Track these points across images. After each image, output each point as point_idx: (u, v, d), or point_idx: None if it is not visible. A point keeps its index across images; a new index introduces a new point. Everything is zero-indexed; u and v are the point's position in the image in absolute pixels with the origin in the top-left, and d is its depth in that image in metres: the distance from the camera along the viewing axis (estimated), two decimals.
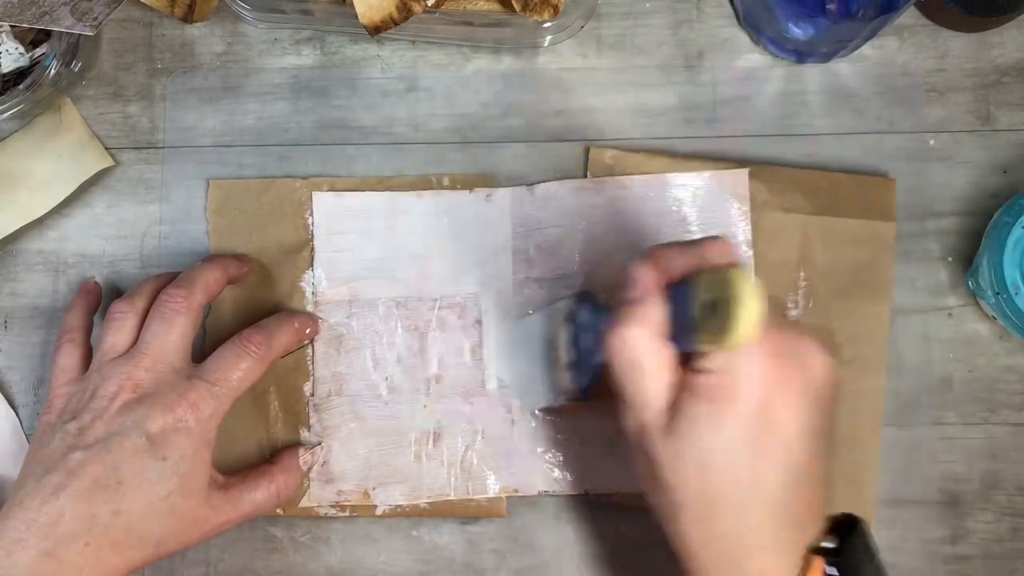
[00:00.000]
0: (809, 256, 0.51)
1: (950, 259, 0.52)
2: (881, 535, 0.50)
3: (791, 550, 0.36)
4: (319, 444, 0.50)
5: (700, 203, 0.52)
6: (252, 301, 0.52)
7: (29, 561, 0.40)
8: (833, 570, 0.36)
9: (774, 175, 0.52)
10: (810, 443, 0.36)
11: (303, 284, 0.52)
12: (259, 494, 0.47)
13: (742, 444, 0.36)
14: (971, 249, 0.52)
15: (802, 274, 0.51)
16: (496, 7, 0.50)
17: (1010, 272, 0.47)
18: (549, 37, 0.52)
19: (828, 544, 0.38)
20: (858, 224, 0.51)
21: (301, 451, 0.50)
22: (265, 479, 0.47)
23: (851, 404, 0.50)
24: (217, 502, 0.45)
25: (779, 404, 0.36)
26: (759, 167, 0.52)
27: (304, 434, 0.51)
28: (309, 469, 0.50)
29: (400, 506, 0.50)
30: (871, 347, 0.51)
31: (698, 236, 0.47)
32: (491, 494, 0.50)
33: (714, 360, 0.35)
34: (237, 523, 0.46)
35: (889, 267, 0.51)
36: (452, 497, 0.50)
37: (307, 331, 0.50)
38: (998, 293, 0.47)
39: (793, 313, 0.51)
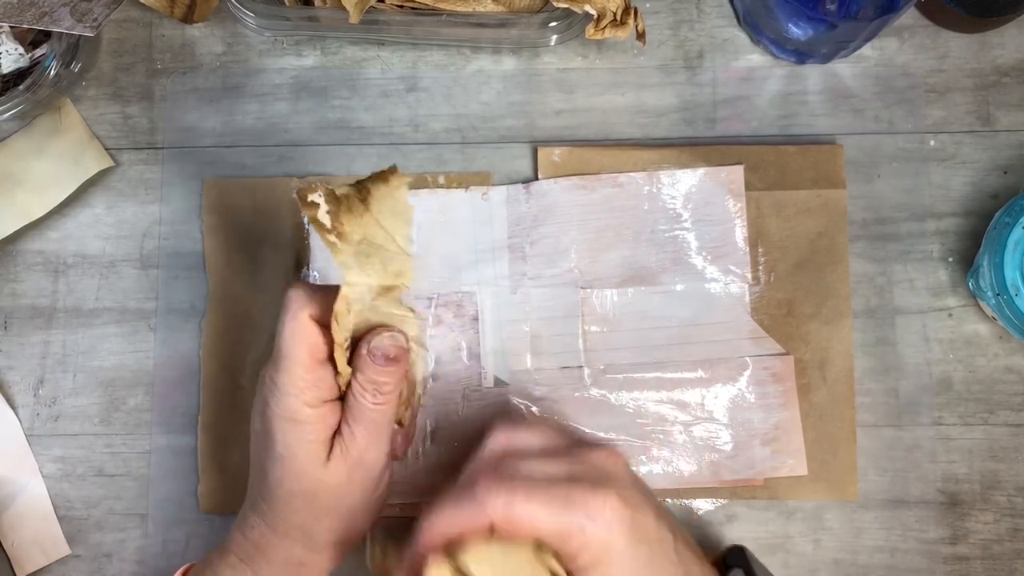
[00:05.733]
0: (764, 231, 0.52)
1: (950, 259, 0.52)
2: (880, 535, 0.50)
3: None
4: (389, 332, 0.40)
5: (695, 199, 0.52)
6: (247, 301, 0.52)
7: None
8: None
9: (722, 154, 0.52)
10: (665, 526, 0.38)
11: None
12: (351, 407, 0.40)
13: (642, 566, 0.36)
14: (971, 249, 0.52)
15: (760, 250, 0.52)
16: (501, 8, 0.50)
17: (1010, 273, 0.47)
18: (555, 37, 0.52)
19: None
20: (809, 194, 0.52)
21: (362, 343, 0.40)
22: (349, 392, 0.40)
23: (821, 356, 0.51)
24: (337, 452, 0.40)
25: (638, 519, 0.37)
26: (708, 148, 0.52)
27: None
28: (394, 364, 0.40)
29: (396, 505, 0.50)
30: (835, 302, 0.51)
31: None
32: None
33: (574, 541, 0.36)
34: (367, 450, 0.40)
35: (843, 233, 0.52)
36: None
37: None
38: (998, 294, 0.47)
39: (755, 289, 0.51)
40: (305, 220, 0.52)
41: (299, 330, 0.39)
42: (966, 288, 0.51)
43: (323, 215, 0.38)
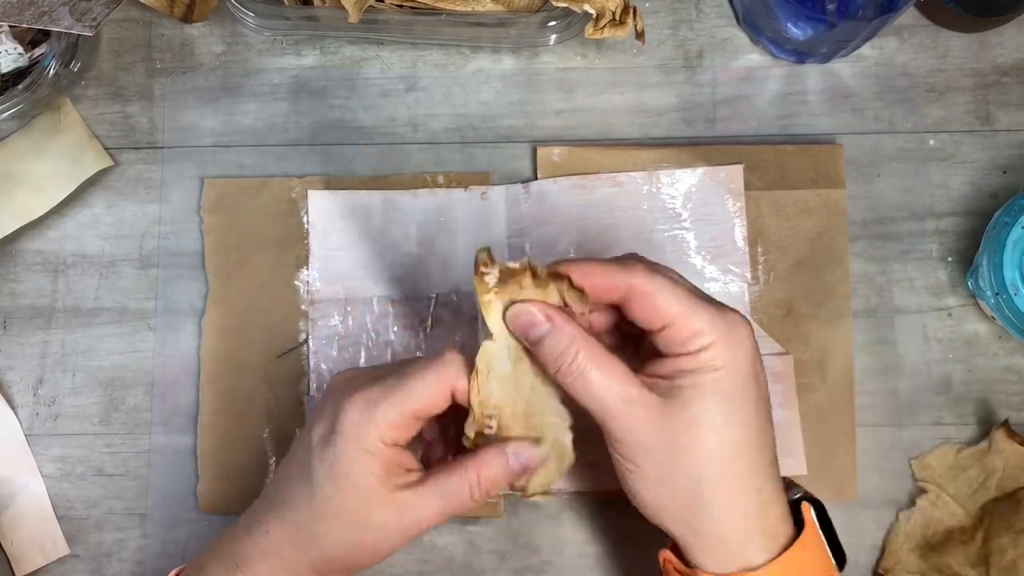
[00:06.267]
0: (764, 230, 0.52)
1: (950, 259, 0.52)
2: (880, 535, 0.50)
3: (783, 497, 0.39)
4: (539, 447, 0.40)
5: (695, 199, 0.52)
6: (247, 301, 0.52)
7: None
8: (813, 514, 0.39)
9: (721, 154, 0.52)
10: (768, 392, 0.39)
11: (298, 283, 0.52)
12: (448, 488, 0.39)
13: (750, 399, 0.38)
14: (971, 249, 0.52)
15: (760, 249, 0.52)
16: (500, 8, 0.50)
17: (1009, 273, 0.47)
18: (554, 36, 0.52)
19: (797, 494, 0.40)
20: (808, 194, 0.52)
21: (512, 446, 0.39)
22: (458, 471, 0.39)
23: (820, 356, 0.51)
24: (400, 501, 0.39)
25: (758, 359, 0.38)
26: (708, 148, 0.52)
27: None
28: (525, 472, 0.40)
29: None
30: (834, 302, 0.51)
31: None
32: None
33: (705, 336, 0.37)
34: (430, 520, 0.40)
35: (843, 233, 0.52)
36: None
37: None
38: (997, 293, 0.47)
39: (755, 289, 0.51)
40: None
41: (437, 387, 0.38)
42: (965, 288, 0.51)
43: (491, 278, 0.38)
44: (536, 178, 0.52)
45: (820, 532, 0.39)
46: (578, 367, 0.38)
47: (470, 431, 0.40)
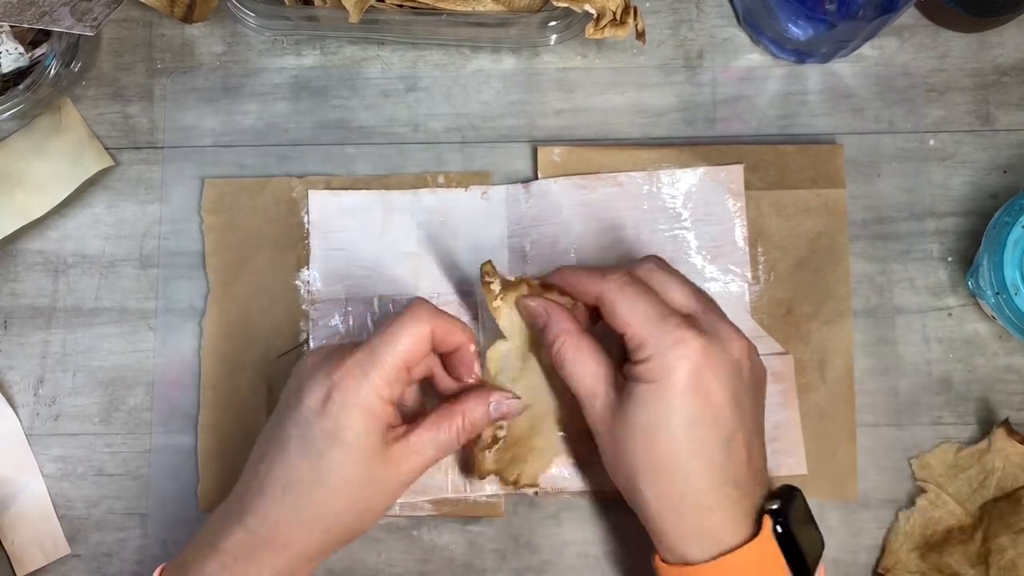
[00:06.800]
0: (764, 230, 0.52)
1: (950, 259, 0.52)
2: (880, 535, 0.50)
3: (737, 507, 0.41)
4: (515, 397, 0.45)
5: (695, 199, 0.52)
6: (247, 301, 0.52)
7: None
8: (779, 528, 0.41)
9: (721, 154, 0.52)
10: (735, 412, 0.41)
11: (298, 283, 0.52)
12: (438, 434, 0.43)
13: (680, 413, 0.40)
14: (971, 249, 0.52)
15: (760, 249, 0.52)
16: (500, 8, 0.50)
17: (1010, 272, 0.47)
18: (555, 36, 0.52)
19: (773, 505, 0.42)
20: (808, 194, 0.52)
21: (495, 395, 0.45)
22: (446, 420, 0.43)
23: (820, 356, 0.51)
24: (397, 454, 0.42)
25: (708, 377, 0.41)
26: (708, 148, 0.52)
27: None
28: (500, 419, 0.45)
29: (397, 505, 0.50)
30: (835, 302, 0.51)
31: (688, 230, 0.52)
32: (489, 492, 0.50)
33: (647, 349, 0.41)
34: (422, 469, 0.43)
35: (843, 233, 0.52)
36: (450, 496, 0.50)
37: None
38: (998, 293, 0.47)
39: (755, 289, 0.51)
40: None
41: (417, 330, 0.42)
42: (966, 287, 0.51)
43: (495, 286, 0.45)
44: (536, 178, 0.52)
45: (777, 544, 0.41)
46: (561, 355, 0.43)
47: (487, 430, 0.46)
